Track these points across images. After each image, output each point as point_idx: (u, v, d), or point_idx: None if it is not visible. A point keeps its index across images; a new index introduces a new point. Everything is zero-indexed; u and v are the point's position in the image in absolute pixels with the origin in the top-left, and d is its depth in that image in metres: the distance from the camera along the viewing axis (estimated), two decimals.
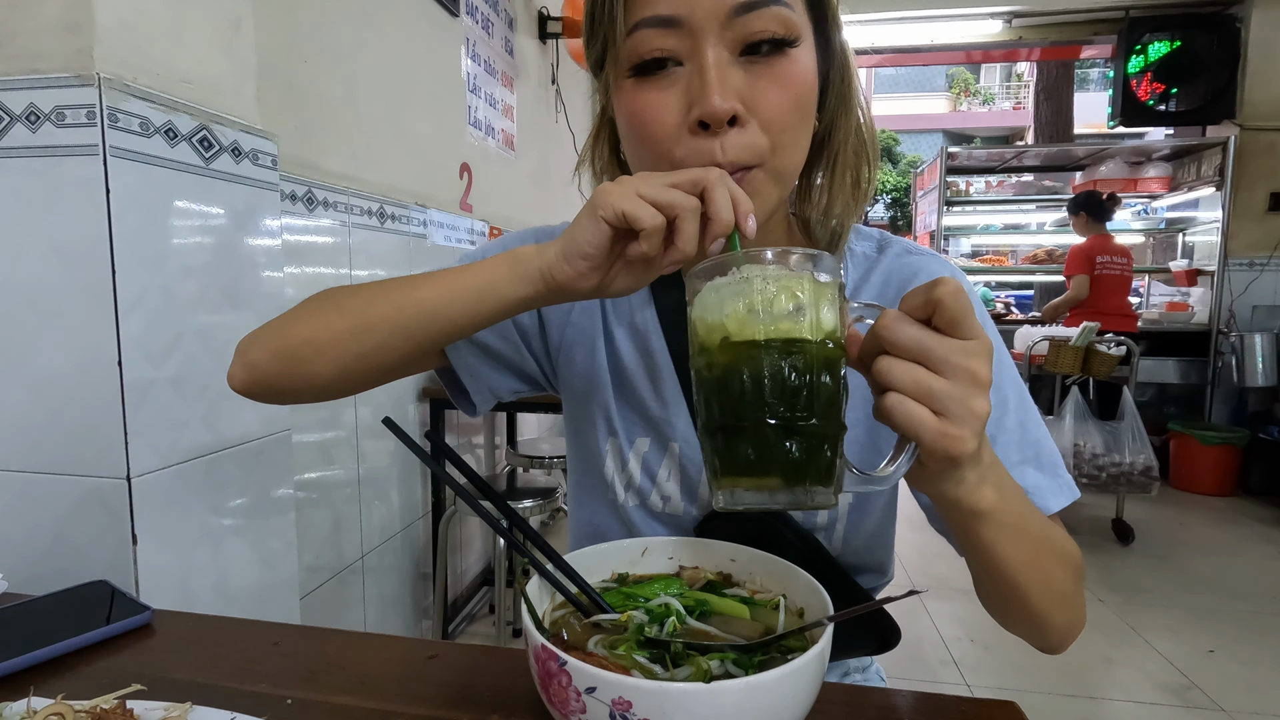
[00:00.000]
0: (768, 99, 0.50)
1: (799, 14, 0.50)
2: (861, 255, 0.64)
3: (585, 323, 0.67)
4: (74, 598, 0.63)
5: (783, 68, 0.50)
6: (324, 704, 0.48)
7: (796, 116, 0.51)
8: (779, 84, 0.50)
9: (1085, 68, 12.73)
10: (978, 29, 4.51)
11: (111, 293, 0.79)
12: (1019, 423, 0.58)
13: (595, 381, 0.66)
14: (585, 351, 0.66)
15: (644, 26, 0.49)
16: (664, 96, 0.50)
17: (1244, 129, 4.01)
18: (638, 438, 0.65)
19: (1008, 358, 0.61)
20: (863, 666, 0.81)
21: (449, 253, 2.14)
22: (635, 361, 0.65)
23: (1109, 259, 3.57)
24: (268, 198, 1.02)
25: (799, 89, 0.51)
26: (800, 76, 0.51)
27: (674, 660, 0.41)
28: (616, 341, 0.66)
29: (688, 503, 0.64)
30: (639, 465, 0.65)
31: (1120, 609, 2.46)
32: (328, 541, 1.59)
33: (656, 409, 0.63)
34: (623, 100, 0.53)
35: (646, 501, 0.65)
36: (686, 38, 0.49)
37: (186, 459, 0.90)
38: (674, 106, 0.50)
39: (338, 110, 1.60)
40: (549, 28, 3.01)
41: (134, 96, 0.82)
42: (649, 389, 0.64)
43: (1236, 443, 3.75)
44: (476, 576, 2.45)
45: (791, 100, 0.50)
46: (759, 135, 0.50)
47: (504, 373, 0.68)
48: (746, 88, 0.49)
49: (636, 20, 0.50)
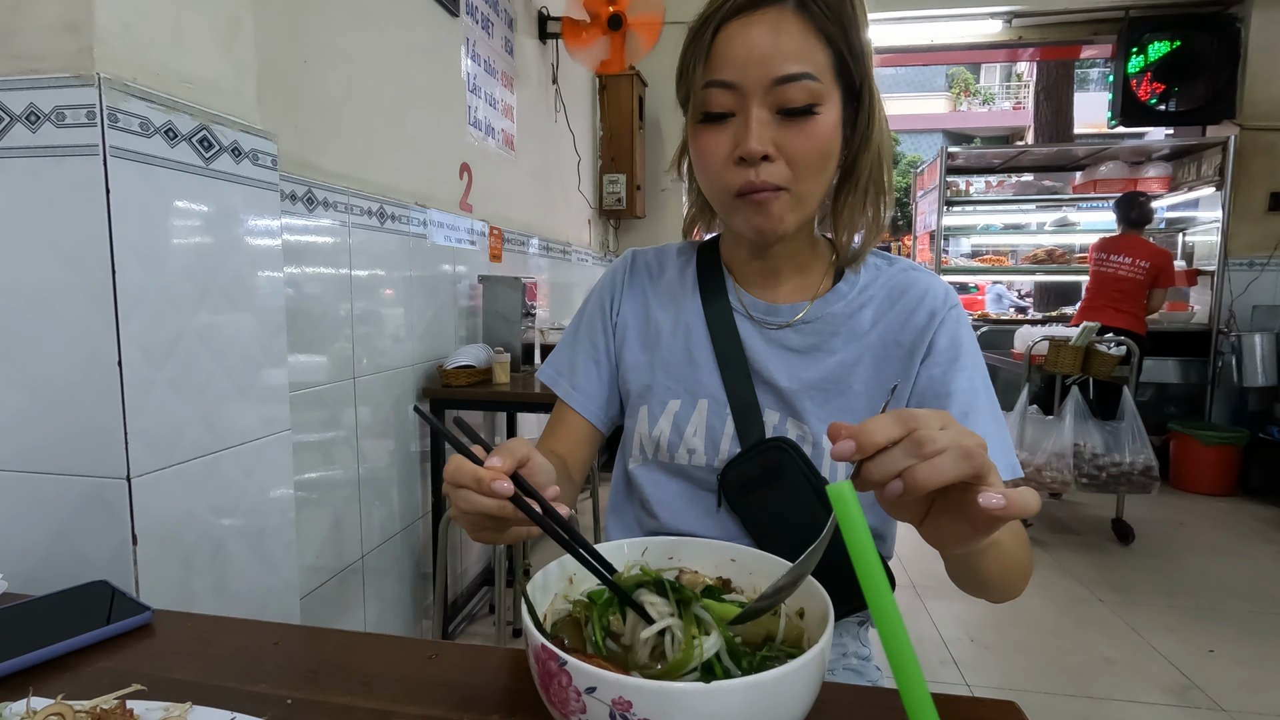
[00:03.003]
0: (794, 145, 0.66)
1: (827, 84, 0.66)
2: (873, 265, 0.80)
3: (631, 316, 0.85)
4: (74, 598, 0.63)
5: (808, 125, 0.66)
6: (324, 704, 0.48)
7: (816, 158, 0.67)
8: (803, 135, 0.66)
9: (1085, 68, 12.72)
10: (978, 29, 4.50)
11: (111, 293, 0.79)
12: (990, 414, 0.72)
13: (641, 360, 0.82)
14: (635, 335, 0.84)
15: (713, 86, 0.67)
16: (719, 137, 0.68)
17: (1244, 129, 4.01)
18: (670, 400, 0.79)
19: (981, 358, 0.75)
20: (861, 656, 0.82)
21: (449, 253, 2.14)
22: (673, 334, 0.81)
23: (1105, 256, 3.58)
24: (268, 198, 1.02)
25: (820, 140, 0.67)
26: (821, 132, 0.66)
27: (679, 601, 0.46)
28: (659, 322, 0.83)
29: (710, 455, 0.77)
30: (669, 424, 0.78)
31: (1120, 609, 2.46)
32: (328, 542, 1.59)
33: (688, 370, 0.79)
34: (694, 137, 0.71)
35: (675, 456, 0.78)
36: (740, 97, 0.66)
37: (186, 459, 0.90)
38: (725, 145, 0.68)
39: (338, 110, 1.60)
40: (549, 28, 3.01)
41: (134, 96, 0.82)
42: (684, 354, 0.80)
43: (1236, 443, 3.75)
44: (476, 576, 2.45)
45: (813, 147, 0.67)
46: (785, 168, 0.67)
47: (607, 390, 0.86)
48: (779, 136, 0.66)
49: (707, 80, 0.67)
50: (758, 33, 0.65)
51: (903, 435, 0.40)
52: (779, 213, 0.69)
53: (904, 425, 0.40)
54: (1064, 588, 2.64)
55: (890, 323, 0.75)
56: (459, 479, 0.49)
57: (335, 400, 1.60)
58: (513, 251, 2.67)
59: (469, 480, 0.49)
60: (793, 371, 0.76)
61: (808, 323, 0.77)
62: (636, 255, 0.89)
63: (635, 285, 0.86)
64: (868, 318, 0.76)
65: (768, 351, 0.77)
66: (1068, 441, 2.98)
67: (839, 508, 0.37)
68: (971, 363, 0.73)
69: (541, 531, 0.50)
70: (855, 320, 0.76)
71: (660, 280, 0.86)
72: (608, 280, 0.88)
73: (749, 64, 0.65)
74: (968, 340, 0.75)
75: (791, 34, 0.64)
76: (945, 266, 4.70)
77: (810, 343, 0.77)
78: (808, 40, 0.65)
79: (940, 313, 0.74)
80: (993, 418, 0.71)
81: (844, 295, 0.77)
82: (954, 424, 0.42)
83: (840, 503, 0.37)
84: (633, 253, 0.89)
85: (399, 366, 1.89)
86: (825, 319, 0.77)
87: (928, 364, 0.74)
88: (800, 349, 0.77)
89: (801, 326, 0.77)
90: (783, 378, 0.76)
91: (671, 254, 0.87)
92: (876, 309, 0.76)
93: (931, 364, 0.73)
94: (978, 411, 0.71)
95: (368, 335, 1.72)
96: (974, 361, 0.74)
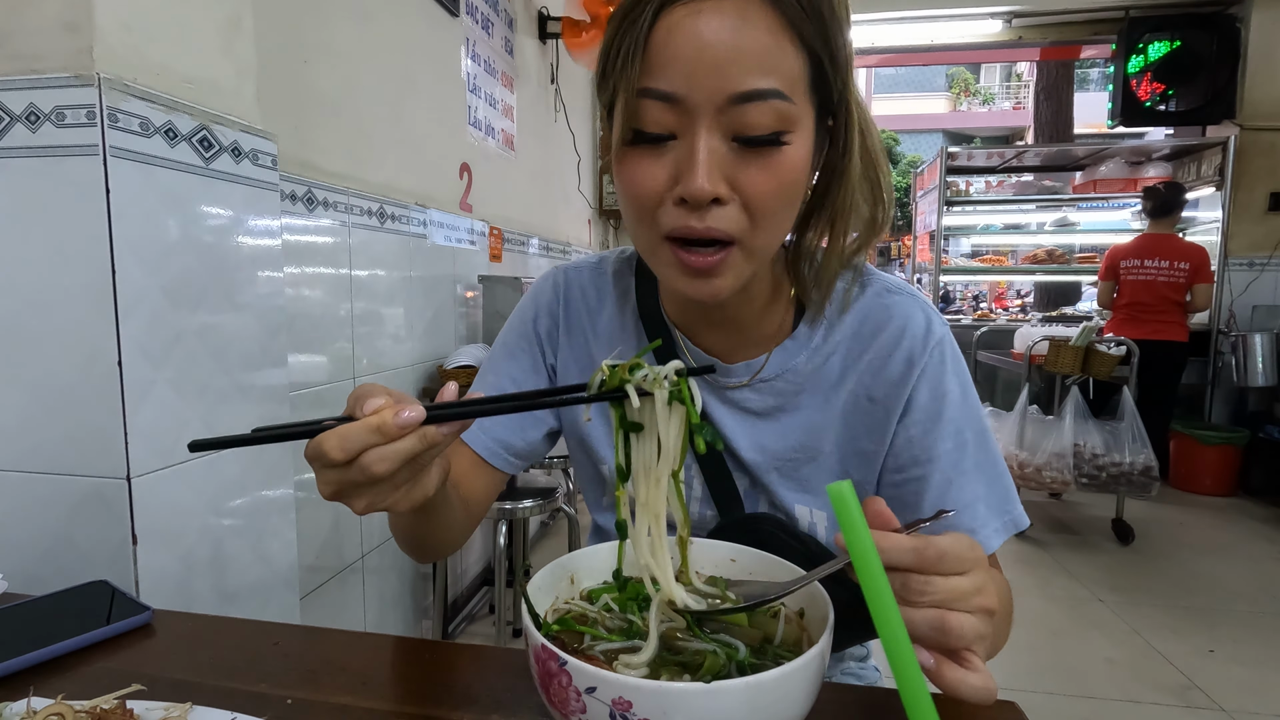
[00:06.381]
0: (753, 184, 0.51)
1: (800, 104, 0.51)
2: (840, 290, 0.65)
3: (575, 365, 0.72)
4: (74, 598, 0.63)
5: (773, 159, 0.51)
6: (324, 704, 0.48)
7: (779, 203, 0.53)
8: (766, 173, 0.51)
9: (1085, 68, 12.72)
10: (978, 29, 4.51)
11: (111, 293, 0.79)
12: (975, 463, 0.63)
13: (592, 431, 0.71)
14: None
15: (648, 96, 0.50)
16: (654, 167, 0.52)
17: (1244, 129, 4.01)
18: None
19: (972, 395, 0.64)
20: (859, 657, 0.82)
21: (449, 253, 2.14)
22: None
23: (1138, 263, 3.36)
24: (267, 198, 1.02)
25: (786, 179, 0.52)
26: (789, 167, 0.52)
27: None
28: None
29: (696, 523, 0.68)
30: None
31: (1120, 609, 2.45)
32: (328, 541, 1.59)
33: None
34: (620, 161, 0.55)
35: None
36: (684, 115, 0.50)
37: (186, 459, 0.90)
38: (662, 177, 0.52)
39: (338, 110, 1.60)
40: (549, 28, 3.01)
41: (134, 96, 0.82)
42: None
43: (1236, 443, 3.75)
44: (476, 576, 2.45)
45: (776, 188, 0.52)
46: (739, 214, 0.52)
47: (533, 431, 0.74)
48: (734, 171, 0.51)
49: (642, 87, 0.50)
50: (713, 26, 0.48)
51: (905, 568, 0.39)
52: (722, 283, 0.55)
53: (914, 559, 0.39)
54: (1064, 588, 2.64)
55: (863, 375, 0.64)
56: (349, 444, 0.40)
57: (335, 400, 1.60)
58: (513, 251, 2.67)
59: (367, 436, 0.40)
60: (756, 440, 0.66)
61: (766, 380, 0.65)
62: (570, 279, 0.74)
63: (573, 327, 0.73)
64: (836, 367, 0.65)
65: (726, 416, 0.66)
66: (1068, 441, 2.98)
67: (839, 507, 0.37)
68: (958, 414, 0.63)
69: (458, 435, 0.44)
70: (822, 373, 0.65)
71: (599, 319, 0.72)
72: (538, 310, 0.74)
73: (699, 70, 0.48)
74: (953, 385, 0.63)
75: (757, 33, 0.48)
76: (945, 266, 4.71)
77: (772, 404, 0.65)
78: (779, 43, 0.49)
79: (919, 359, 0.62)
80: (982, 471, 0.62)
81: (807, 343, 0.65)
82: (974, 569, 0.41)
83: (840, 502, 0.37)
84: (564, 275, 0.74)
85: (399, 366, 1.88)
86: (788, 375, 0.65)
87: (905, 423, 0.63)
88: (761, 411, 0.66)
89: (760, 385, 0.65)
90: (746, 448, 0.66)
91: (608, 278, 0.73)
92: (845, 356, 0.64)
93: (910, 423, 0.63)
94: (963, 475, 0.62)
95: (368, 335, 1.72)
96: (960, 411, 0.63)
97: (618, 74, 0.52)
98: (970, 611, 0.40)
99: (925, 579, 0.39)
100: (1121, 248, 3.50)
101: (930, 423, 0.62)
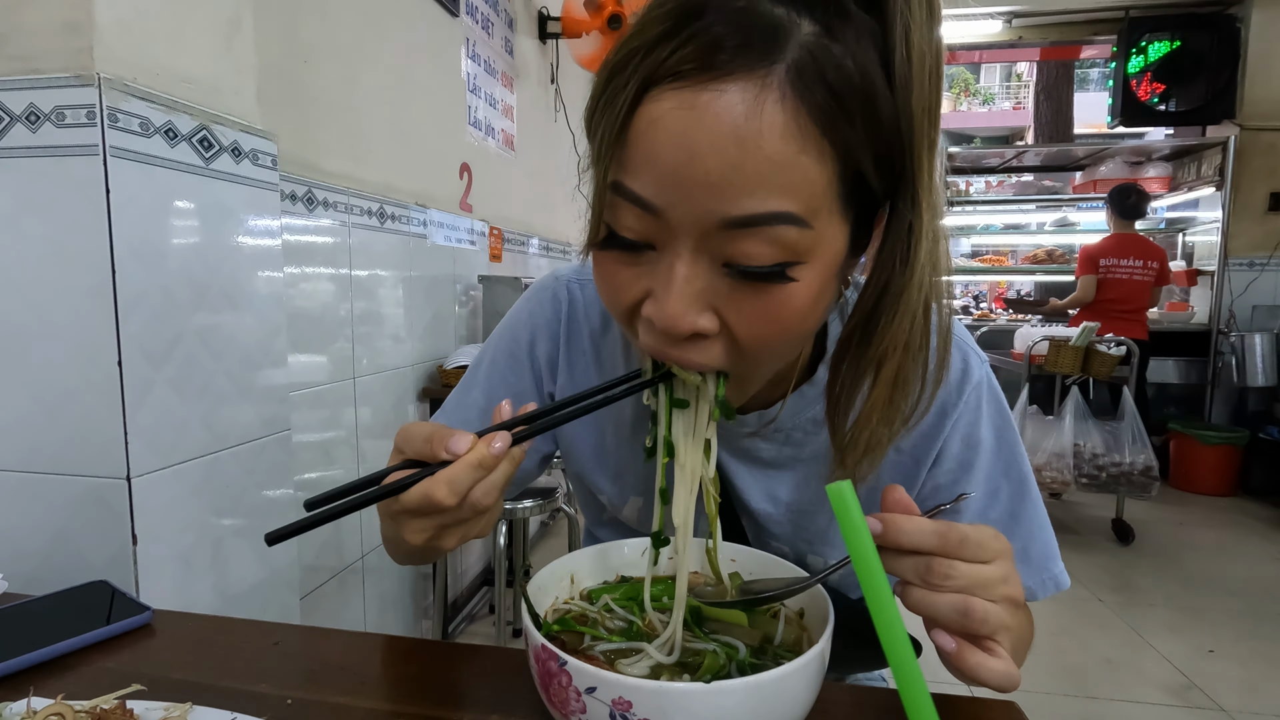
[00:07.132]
0: (745, 322, 0.41)
1: (821, 224, 0.39)
2: None
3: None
4: (74, 598, 0.63)
5: (772, 295, 0.40)
6: (324, 704, 0.48)
7: (780, 341, 0.43)
8: (762, 310, 0.40)
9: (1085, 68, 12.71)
10: (978, 29, 4.51)
11: (111, 293, 0.79)
12: (1009, 514, 0.59)
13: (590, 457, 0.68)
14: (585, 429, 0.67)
15: (621, 194, 0.40)
16: (629, 275, 0.43)
17: (1244, 129, 4.01)
18: (631, 496, 0.67)
19: (1010, 442, 0.59)
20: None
21: (449, 253, 2.14)
22: (632, 433, 0.64)
23: (1115, 262, 3.46)
24: (267, 198, 1.02)
25: (789, 319, 0.41)
26: (794, 306, 0.40)
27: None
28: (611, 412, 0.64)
29: None
30: (635, 513, 0.67)
31: (1120, 609, 2.45)
32: (328, 541, 1.59)
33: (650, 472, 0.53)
34: (594, 257, 0.46)
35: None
36: (663, 230, 0.39)
37: (186, 459, 0.90)
38: (636, 289, 0.43)
39: (338, 110, 1.60)
40: (549, 28, 3.01)
41: (134, 96, 0.82)
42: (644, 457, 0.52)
43: (1236, 443, 3.75)
44: (476, 576, 2.45)
45: (777, 330, 0.42)
46: (726, 349, 0.43)
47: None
48: (722, 301, 0.41)
49: (616, 181, 0.40)
50: (706, 128, 0.36)
51: (928, 550, 0.39)
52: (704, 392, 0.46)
53: (936, 541, 0.39)
54: None
55: None
56: (459, 486, 0.40)
57: (335, 400, 1.60)
58: (513, 251, 2.67)
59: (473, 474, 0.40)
60: (768, 491, 0.61)
61: (780, 430, 0.59)
62: (572, 294, 0.66)
63: (574, 349, 0.66)
64: None
65: (735, 467, 0.61)
66: (1068, 441, 2.98)
67: (838, 507, 0.37)
68: (990, 463, 0.58)
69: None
70: None
71: (604, 348, 0.65)
72: (534, 333, 0.67)
73: (684, 183, 0.37)
74: (988, 433, 0.58)
75: (768, 138, 0.36)
76: None
77: (786, 454, 0.60)
78: (797, 151, 0.36)
79: (953, 409, 0.57)
80: (1018, 523, 0.58)
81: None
82: (998, 559, 0.40)
83: (840, 502, 0.37)
84: (566, 291, 0.66)
85: (399, 366, 1.88)
86: (803, 425, 0.58)
87: (935, 473, 0.59)
88: (773, 461, 0.61)
89: (774, 434, 0.59)
90: (756, 498, 0.61)
91: None
92: None
93: (939, 473, 0.59)
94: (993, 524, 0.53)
95: (368, 335, 1.72)
96: (993, 460, 0.58)
97: (597, 145, 0.42)
98: (995, 600, 0.39)
99: (949, 563, 0.39)
100: (1096, 246, 3.56)
101: (960, 472, 0.58)
